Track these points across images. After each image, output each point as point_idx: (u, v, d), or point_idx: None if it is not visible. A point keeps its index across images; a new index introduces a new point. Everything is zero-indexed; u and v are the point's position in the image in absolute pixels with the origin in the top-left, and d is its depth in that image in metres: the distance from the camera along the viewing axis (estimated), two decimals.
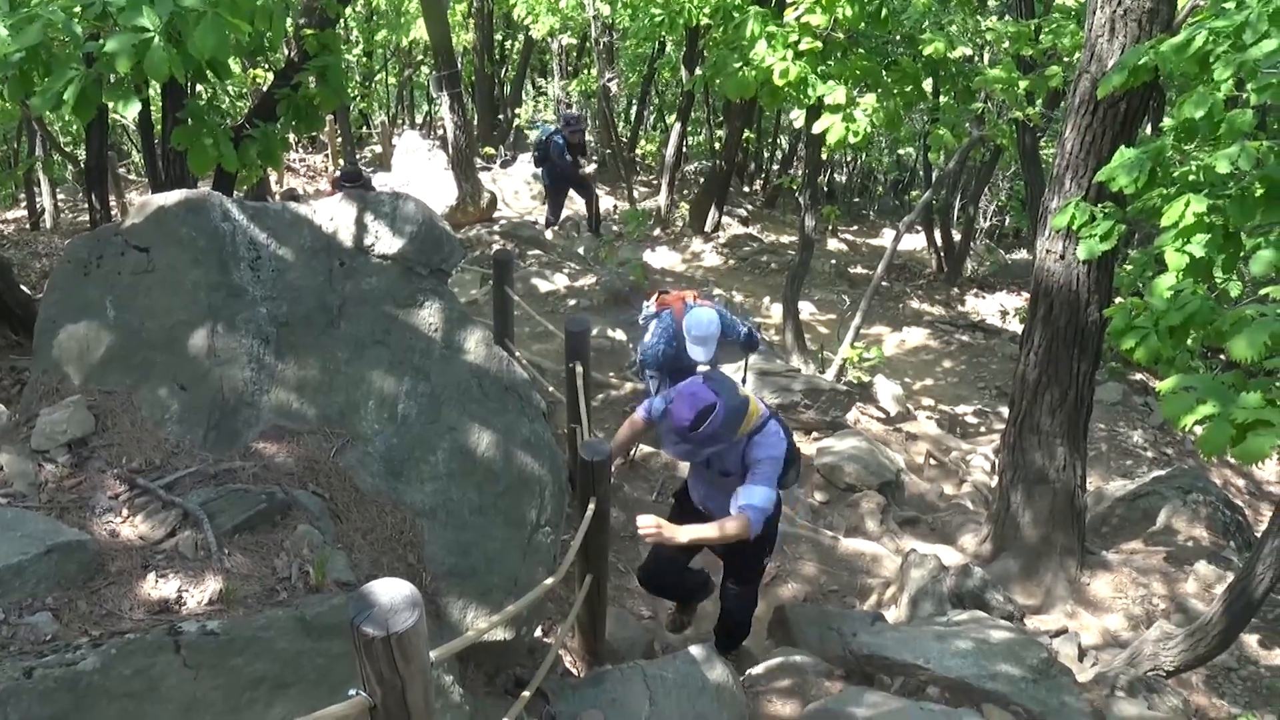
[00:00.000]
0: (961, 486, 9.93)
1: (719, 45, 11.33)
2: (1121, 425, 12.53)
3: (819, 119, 9.65)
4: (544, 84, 28.87)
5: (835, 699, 5.15)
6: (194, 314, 4.71)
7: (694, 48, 16.69)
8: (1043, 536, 7.45)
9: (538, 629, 5.60)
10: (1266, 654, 6.78)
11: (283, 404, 4.69)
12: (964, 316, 16.66)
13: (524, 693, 3.96)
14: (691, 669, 5.17)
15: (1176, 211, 4.91)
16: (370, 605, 2.44)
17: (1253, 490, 11.11)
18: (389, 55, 27.37)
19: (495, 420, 4.92)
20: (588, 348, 6.86)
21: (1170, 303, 4.71)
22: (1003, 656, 5.55)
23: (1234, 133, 4.82)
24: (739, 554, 5.59)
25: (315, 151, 22.85)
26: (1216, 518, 8.41)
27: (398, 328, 5.01)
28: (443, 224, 5.44)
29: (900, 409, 11.63)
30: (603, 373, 10.26)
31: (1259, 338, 3.81)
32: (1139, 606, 7.26)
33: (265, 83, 13.35)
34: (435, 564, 4.39)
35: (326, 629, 3.47)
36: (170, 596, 3.53)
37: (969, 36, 12.23)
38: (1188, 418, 3.96)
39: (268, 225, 5.05)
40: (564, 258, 14.66)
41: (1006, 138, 13.28)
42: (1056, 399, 7.17)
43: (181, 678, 3.16)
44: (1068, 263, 6.78)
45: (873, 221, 23.53)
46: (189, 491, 4.07)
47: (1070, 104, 6.79)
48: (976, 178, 19.44)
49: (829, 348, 12.84)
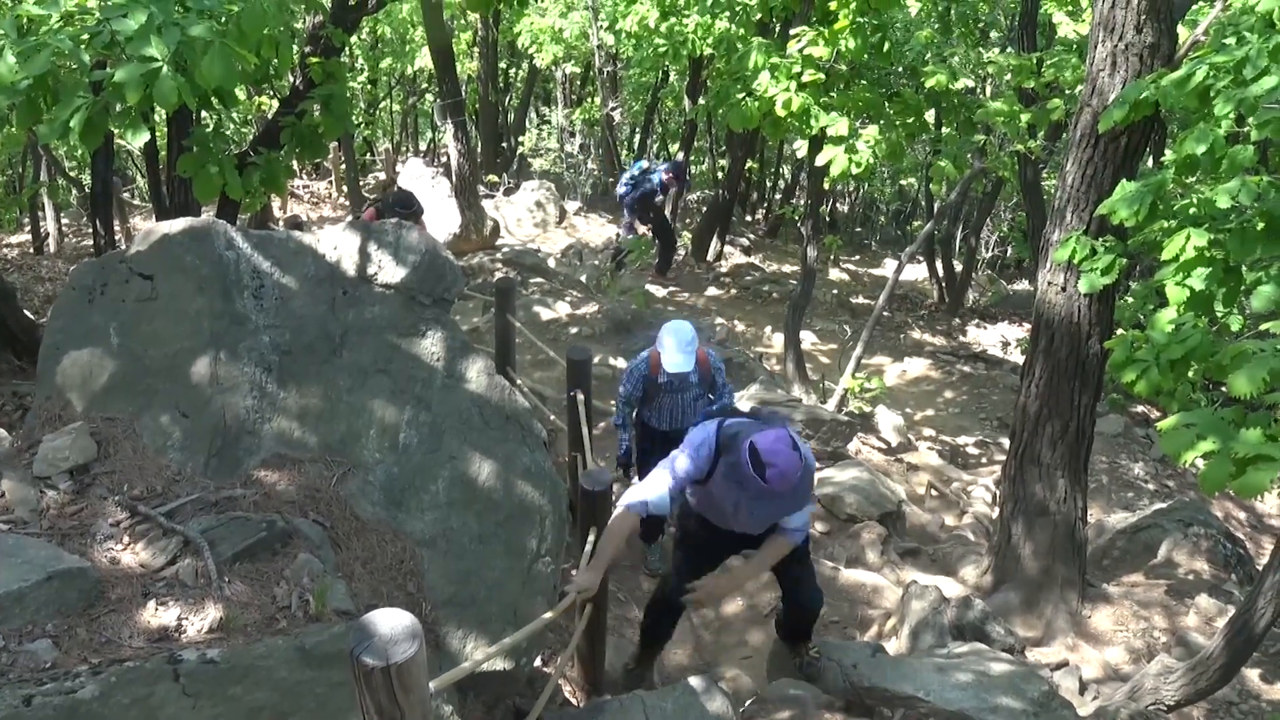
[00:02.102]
0: (963, 518, 9.92)
1: (722, 76, 11.39)
2: (1123, 457, 12.52)
3: (822, 150, 9.69)
4: (548, 112, 28.98)
5: None
6: (197, 342, 4.73)
7: (697, 77, 16.77)
8: (1043, 569, 7.44)
9: (537, 659, 5.58)
10: (1268, 688, 6.76)
11: (284, 432, 4.70)
12: (965, 347, 16.67)
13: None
14: (691, 700, 5.16)
15: (1177, 245, 4.93)
16: (370, 635, 2.44)
17: (1254, 523, 11.09)
18: (393, 83, 27.50)
19: (496, 449, 4.93)
20: (589, 376, 6.87)
21: (1171, 336, 4.73)
22: (1003, 689, 5.53)
23: (1235, 168, 4.85)
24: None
25: (319, 178, 22.91)
26: (1218, 551, 8.39)
27: (400, 357, 5.03)
28: (445, 253, 5.47)
29: (901, 439, 11.63)
30: (604, 401, 10.25)
31: (1259, 373, 3.82)
32: (1140, 640, 7.24)
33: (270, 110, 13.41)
34: (435, 593, 4.39)
35: (326, 658, 3.47)
36: (170, 624, 3.53)
37: (971, 68, 12.30)
38: (1188, 454, 3.97)
39: (271, 254, 5.07)
40: (566, 285, 14.69)
41: (1008, 170, 13.32)
42: (1057, 431, 7.17)
43: (180, 706, 3.16)
44: (1069, 295, 6.80)
45: (875, 251, 23.57)
46: (190, 519, 4.08)
47: (1071, 137, 6.81)
48: (978, 209, 19.48)
49: (830, 378, 12.85)
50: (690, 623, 6.94)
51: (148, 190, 9.75)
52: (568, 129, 24.99)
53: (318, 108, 7.65)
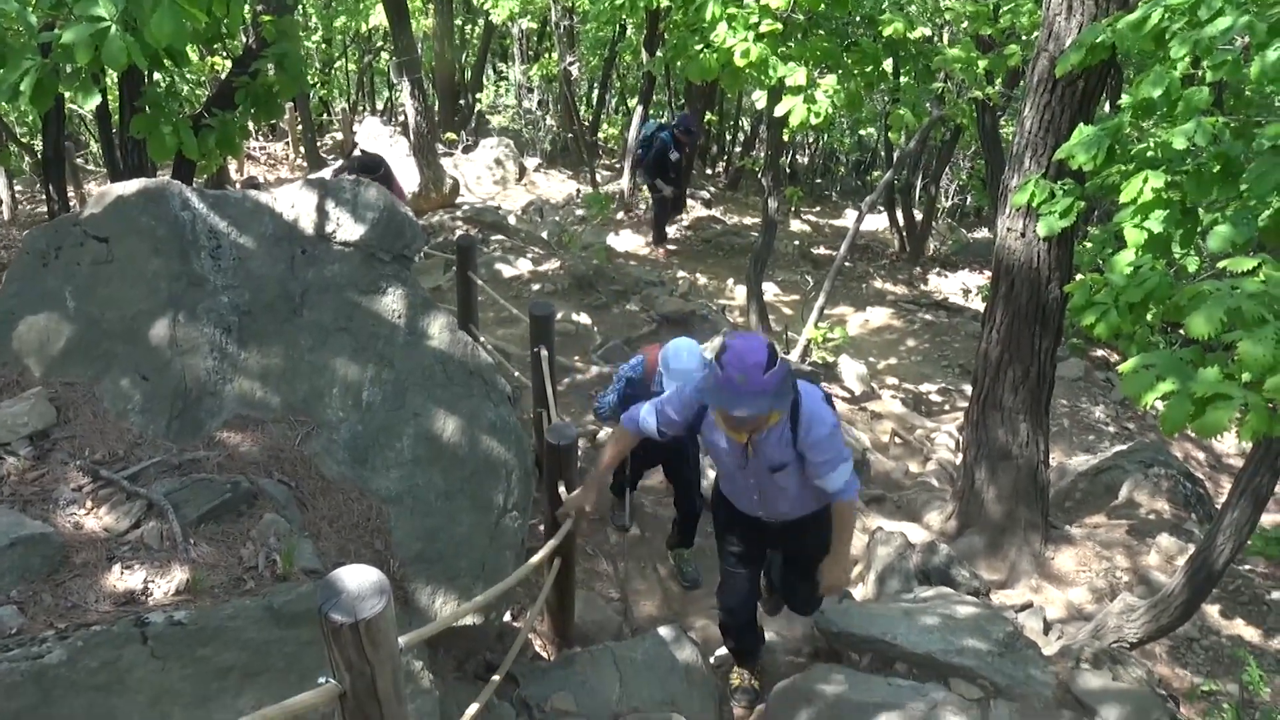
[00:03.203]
0: (926, 464, 10.00)
1: (679, 28, 11.29)
2: (1084, 401, 12.64)
3: (780, 101, 9.66)
4: (505, 69, 28.70)
5: (804, 676, 5.20)
6: (155, 304, 4.69)
7: (654, 30, 16.64)
8: (1007, 512, 7.52)
9: (507, 614, 5.61)
10: (1228, 624, 6.87)
11: (246, 393, 4.67)
12: (927, 296, 16.73)
13: (494, 677, 3.97)
14: (661, 650, 5.21)
15: (1135, 188, 4.95)
16: (338, 592, 2.44)
17: (1213, 463, 11.24)
18: (348, 42, 27.16)
19: (460, 405, 4.92)
20: (552, 332, 6.86)
21: (1129, 278, 4.76)
22: (969, 631, 5.60)
23: (1190, 110, 4.86)
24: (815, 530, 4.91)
25: (275, 139, 22.64)
26: (1178, 490, 8.51)
27: (361, 314, 5.00)
28: (404, 210, 5.43)
29: (865, 388, 11.69)
30: (568, 357, 10.26)
31: (1216, 313, 3.85)
32: (1102, 579, 7.34)
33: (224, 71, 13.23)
34: (402, 550, 4.39)
35: (295, 617, 3.47)
36: (136, 588, 3.52)
37: (928, 16, 12.29)
38: (1148, 395, 4.00)
39: (228, 213, 5.02)
40: (527, 242, 14.63)
41: (966, 117, 13.34)
42: (1019, 376, 7.23)
43: (149, 669, 3.16)
44: (1028, 240, 6.83)
45: (835, 202, 23.56)
46: (153, 482, 4.06)
47: (1029, 83, 6.83)
48: (937, 157, 19.50)
49: (793, 328, 12.87)
50: (658, 575, 6.99)
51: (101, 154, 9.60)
52: (525, 85, 24.77)
53: (271, 67, 7.55)
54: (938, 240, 19.94)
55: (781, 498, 4.66)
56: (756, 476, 4.59)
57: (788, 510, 4.76)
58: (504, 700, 4.62)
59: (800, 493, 4.63)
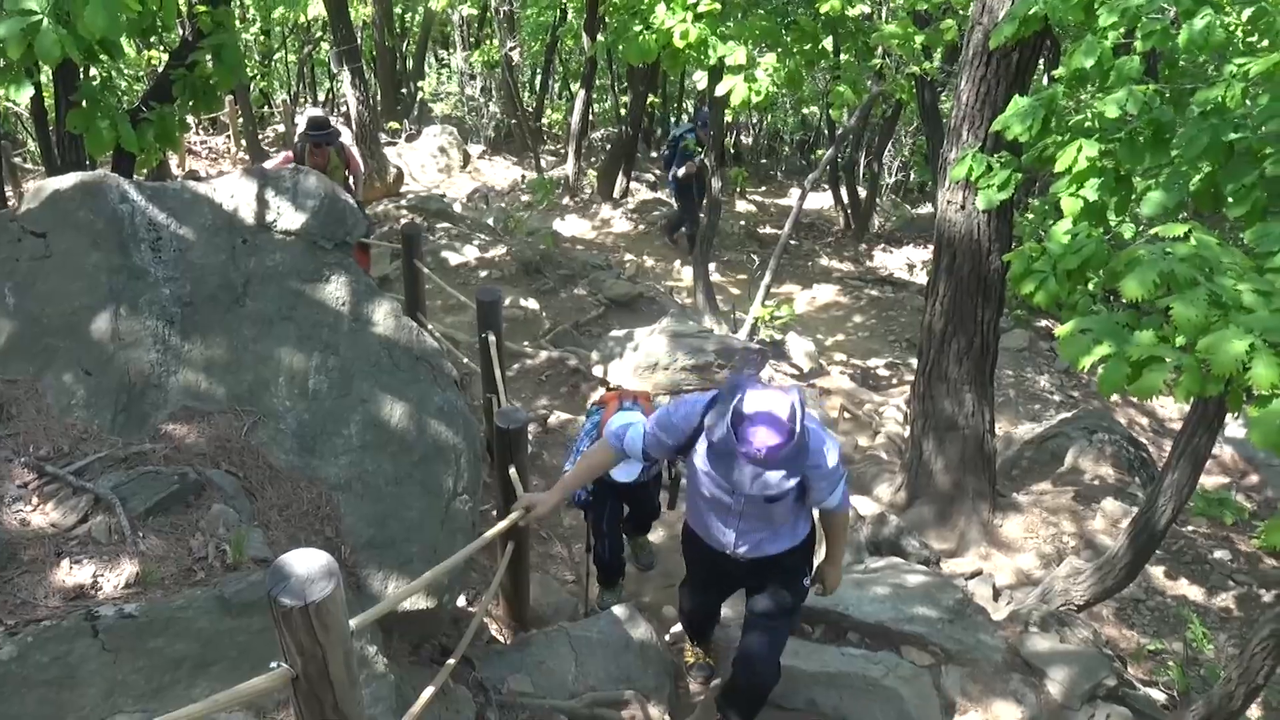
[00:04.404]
0: (876, 438, 10.08)
1: (619, 10, 11.32)
2: (1028, 370, 12.78)
3: (721, 81, 9.69)
4: (446, 56, 28.54)
5: None
6: (95, 298, 4.66)
7: (595, 14, 16.61)
8: (955, 482, 7.61)
9: (461, 598, 5.61)
10: (1172, 584, 7.01)
11: (191, 384, 4.65)
12: (872, 271, 16.84)
13: (449, 661, 3.98)
14: (615, 628, 5.24)
15: (1069, 157, 5.02)
16: (286, 576, 2.45)
17: (1156, 427, 11.40)
18: (287, 32, 26.89)
19: (407, 391, 4.92)
20: (499, 317, 6.85)
21: (1067, 246, 4.82)
22: (919, 599, 5.68)
23: (1122, 79, 4.94)
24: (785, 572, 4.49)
25: (216, 132, 22.38)
26: (1121, 455, 8.64)
27: (304, 303, 4.99)
28: (345, 197, 5.42)
29: (813, 365, 11.76)
30: (516, 342, 10.26)
31: (1149, 276, 3.92)
32: (1050, 545, 7.45)
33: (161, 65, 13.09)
34: (354, 536, 4.39)
35: (246, 606, 3.47)
36: (85, 582, 3.51)
37: None
38: (1085, 359, 4.06)
39: (167, 205, 4.99)
40: (473, 229, 14.58)
41: (906, 93, 13.43)
42: (963, 347, 7.31)
43: (101, 662, 3.15)
44: (968, 213, 6.91)
45: (780, 182, 23.62)
46: (100, 476, 4.04)
47: (964, 56, 6.89)
48: (879, 134, 19.62)
49: (741, 308, 12.93)
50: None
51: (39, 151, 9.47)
52: (467, 72, 24.66)
53: (209, 58, 7.49)
54: (882, 216, 20.06)
55: (765, 531, 4.23)
56: (748, 507, 4.10)
57: (765, 547, 4.30)
58: (460, 684, 4.64)
59: (784, 526, 4.28)
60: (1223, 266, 3.99)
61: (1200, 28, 4.60)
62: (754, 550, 4.28)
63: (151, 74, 15.91)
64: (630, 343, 9.95)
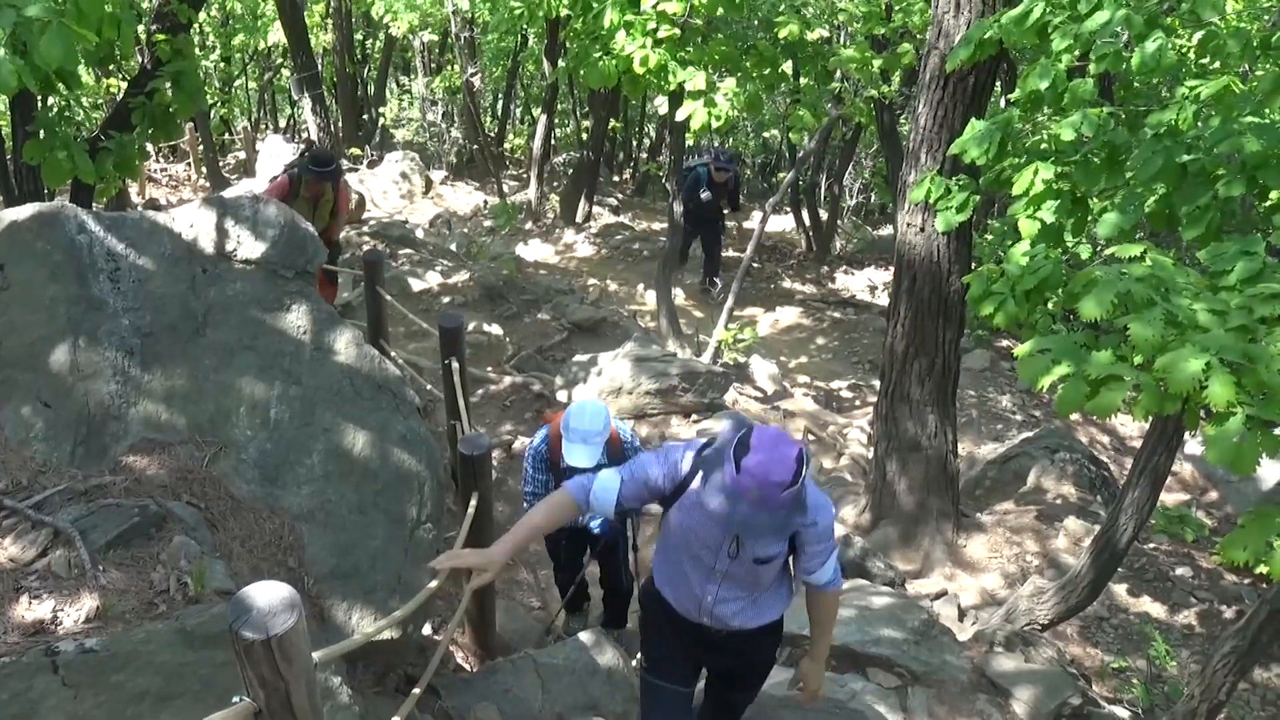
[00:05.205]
0: (840, 460, 10.11)
1: (579, 36, 11.34)
2: (990, 391, 12.87)
3: (681, 106, 9.75)
4: (408, 82, 28.55)
5: None
6: (54, 329, 4.61)
7: (555, 39, 16.67)
8: (919, 503, 7.64)
9: (426, 626, 5.58)
10: (1134, 601, 7.05)
11: (151, 416, 4.61)
12: (834, 294, 16.90)
13: (414, 690, 3.95)
14: (582, 654, 5.23)
15: (1026, 179, 5.09)
16: (248, 609, 2.42)
17: (1117, 446, 11.50)
18: (248, 59, 26.86)
19: (370, 419, 4.90)
20: (463, 343, 6.83)
21: (1025, 268, 4.87)
22: (885, 621, 5.70)
23: (1076, 101, 5.01)
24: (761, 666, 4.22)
25: (177, 160, 22.28)
26: (1083, 474, 8.71)
27: (265, 332, 4.96)
28: (305, 225, 5.40)
29: (777, 387, 11.79)
30: (480, 367, 10.23)
31: (1106, 296, 3.97)
32: (1014, 564, 7.49)
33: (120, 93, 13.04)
34: (317, 566, 4.36)
35: (208, 639, 3.43)
36: (45, 617, 3.46)
37: (825, 18, 12.45)
38: (1044, 379, 4.10)
39: (126, 235, 4.95)
40: (436, 255, 14.56)
41: (865, 116, 13.53)
42: (925, 368, 7.35)
43: (61, 698, 3.11)
44: (928, 235, 6.96)
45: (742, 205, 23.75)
46: (59, 510, 3.98)
47: (922, 80, 6.96)
48: (840, 157, 19.73)
49: (704, 331, 12.95)
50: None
51: None
52: (429, 98, 24.69)
53: (169, 86, 7.46)
54: (844, 238, 20.16)
55: (744, 599, 3.75)
56: (732, 568, 3.63)
57: (744, 618, 3.79)
58: (426, 713, 4.61)
59: (764, 596, 3.80)
60: (1178, 286, 4.05)
61: (1152, 51, 4.67)
62: (730, 620, 3.76)
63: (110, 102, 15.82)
64: (594, 367, 9.94)
